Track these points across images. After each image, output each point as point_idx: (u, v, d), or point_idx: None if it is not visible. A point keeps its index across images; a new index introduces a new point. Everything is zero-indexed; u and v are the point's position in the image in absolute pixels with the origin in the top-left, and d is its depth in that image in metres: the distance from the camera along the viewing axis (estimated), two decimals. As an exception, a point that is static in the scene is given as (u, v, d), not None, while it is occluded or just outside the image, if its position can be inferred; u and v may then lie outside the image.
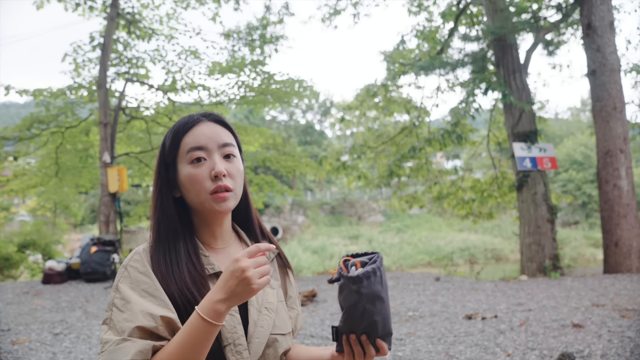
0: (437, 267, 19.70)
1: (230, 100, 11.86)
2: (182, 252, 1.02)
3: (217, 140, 1.04)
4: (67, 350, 4.03)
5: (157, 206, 1.06)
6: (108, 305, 0.96)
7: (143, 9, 11.64)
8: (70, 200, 16.42)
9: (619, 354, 3.41)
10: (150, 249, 1.04)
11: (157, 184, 1.07)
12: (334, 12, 12.41)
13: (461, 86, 10.64)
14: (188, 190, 1.04)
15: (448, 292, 6.57)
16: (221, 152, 1.05)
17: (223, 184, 1.02)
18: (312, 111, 43.14)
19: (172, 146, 1.05)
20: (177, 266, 1.00)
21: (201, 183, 1.02)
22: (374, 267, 0.90)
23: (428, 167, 11.62)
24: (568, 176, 26.87)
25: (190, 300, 0.97)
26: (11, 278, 10.77)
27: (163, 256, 1.01)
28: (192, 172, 1.02)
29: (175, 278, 0.98)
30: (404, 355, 3.64)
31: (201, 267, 1.03)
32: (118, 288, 0.96)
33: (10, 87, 11.04)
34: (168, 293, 0.97)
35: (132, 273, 0.98)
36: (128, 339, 0.89)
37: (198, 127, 1.05)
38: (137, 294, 0.95)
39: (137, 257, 1.01)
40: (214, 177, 1.02)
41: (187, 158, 1.03)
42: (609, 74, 8.06)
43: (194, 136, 1.04)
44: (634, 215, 7.94)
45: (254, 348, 1.01)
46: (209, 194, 1.02)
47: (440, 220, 27.84)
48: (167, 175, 1.06)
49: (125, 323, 0.91)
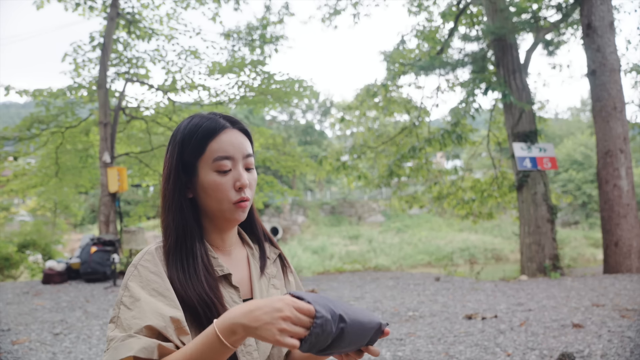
0: (437, 267, 19.69)
1: (230, 100, 11.86)
2: (199, 256, 1.02)
3: (242, 151, 1.05)
4: (67, 350, 4.03)
5: (173, 207, 1.04)
6: (116, 303, 0.96)
7: (143, 9, 11.64)
8: (70, 200, 16.42)
9: (619, 354, 3.41)
10: (164, 250, 1.03)
11: (174, 183, 1.04)
12: (334, 12, 12.41)
13: (461, 86, 10.64)
14: (209, 196, 1.03)
15: (448, 292, 6.57)
16: (244, 163, 1.05)
17: (246, 195, 1.03)
18: (312, 111, 43.16)
19: (197, 149, 1.03)
20: (195, 270, 1.00)
21: (225, 192, 1.02)
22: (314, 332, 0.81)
23: (428, 167, 11.63)
24: (568, 176, 26.87)
25: (209, 305, 0.97)
26: (11, 278, 10.77)
27: (180, 260, 1.01)
28: (218, 181, 1.02)
29: (193, 283, 0.98)
30: (404, 355, 3.64)
31: (212, 269, 1.03)
32: (127, 286, 0.96)
33: (10, 88, 11.04)
34: (186, 298, 0.96)
35: (143, 272, 0.97)
36: (134, 336, 0.88)
37: (225, 134, 1.04)
38: (147, 293, 0.94)
39: (149, 257, 1.00)
40: (238, 189, 1.03)
41: (214, 166, 1.02)
42: (609, 74, 8.07)
43: (221, 144, 1.03)
44: (634, 215, 7.94)
45: (262, 348, 1.02)
46: (232, 204, 1.03)
47: (440, 220, 27.84)
48: (184, 175, 1.04)
49: (134, 320, 0.90)
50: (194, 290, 0.97)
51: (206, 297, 0.97)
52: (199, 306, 0.96)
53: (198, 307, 0.96)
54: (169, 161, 1.06)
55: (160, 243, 1.04)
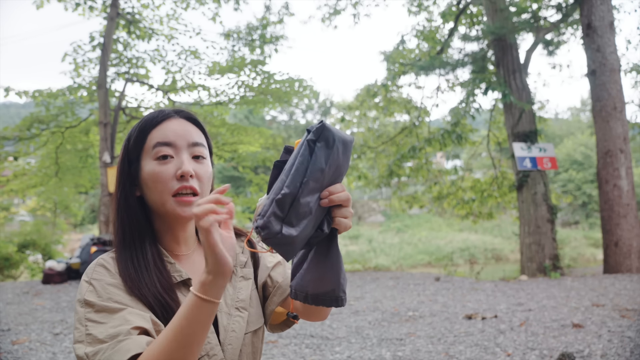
0: (437, 267, 19.69)
1: (230, 100, 11.86)
2: (149, 257, 0.95)
3: (187, 139, 0.97)
4: (67, 350, 4.03)
5: (121, 205, 0.98)
6: (78, 322, 0.86)
7: (143, 9, 11.65)
8: (70, 200, 16.41)
9: (619, 354, 3.41)
10: (115, 250, 0.96)
11: (120, 180, 0.99)
12: (334, 12, 12.41)
13: (461, 86, 10.64)
14: (150, 189, 0.96)
15: (448, 292, 6.57)
16: (190, 151, 0.97)
17: (189, 184, 0.94)
18: (312, 111, 43.16)
19: (138, 140, 0.97)
20: (147, 271, 0.93)
21: (165, 182, 0.94)
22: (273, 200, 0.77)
23: (428, 167, 11.62)
24: (568, 176, 26.86)
25: (165, 306, 0.90)
26: (11, 278, 10.77)
27: (130, 260, 0.94)
28: (157, 170, 0.95)
29: (146, 282, 0.91)
30: (404, 355, 3.64)
31: (168, 274, 0.95)
32: (87, 302, 0.87)
33: (10, 89, 11.04)
34: (142, 297, 0.90)
35: (98, 286, 0.89)
36: (124, 339, 0.81)
37: (168, 122, 0.98)
38: (112, 304, 0.87)
39: (100, 269, 0.93)
40: (179, 177, 0.94)
41: (153, 154, 0.96)
42: (609, 74, 8.07)
43: (162, 131, 0.97)
44: (634, 215, 7.94)
45: (228, 356, 0.96)
46: (171, 196, 0.94)
47: (440, 220, 27.83)
48: (130, 171, 0.98)
49: (116, 329, 0.82)
50: (148, 289, 0.91)
51: (161, 297, 0.91)
52: (156, 306, 0.90)
53: (155, 307, 0.90)
54: (119, 159, 1.01)
55: (114, 253, 0.98)
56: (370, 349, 3.85)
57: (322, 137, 0.80)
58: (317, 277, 0.88)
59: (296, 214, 0.79)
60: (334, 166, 0.83)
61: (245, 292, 1.04)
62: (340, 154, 0.83)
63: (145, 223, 0.98)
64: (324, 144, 0.80)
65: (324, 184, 0.83)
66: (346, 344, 4.01)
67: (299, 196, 0.78)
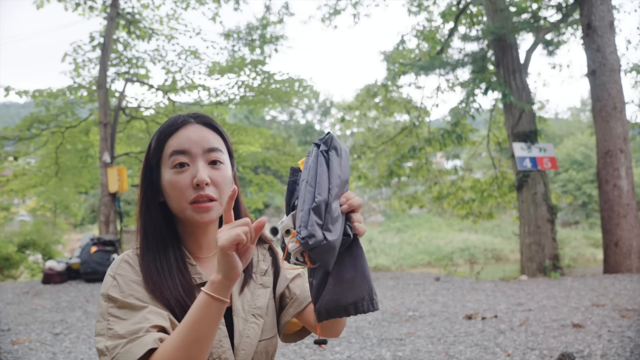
0: (437, 267, 19.70)
1: (230, 100, 11.86)
2: (172, 260, 0.98)
3: (203, 145, 0.99)
4: (67, 350, 4.03)
5: (143, 210, 1.01)
6: (101, 315, 0.90)
7: (143, 9, 11.65)
8: (70, 200, 16.40)
9: (619, 354, 3.41)
10: (139, 253, 0.99)
11: (143, 187, 1.03)
12: (334, 12, 12.40)
13: (461, 86, 10.64)
14: (169, 196, 0.99)
15: (448, 292, 6.57)
16: (206, 157, 0.99)
17: (205, 193, 0.96)
18: (312, 111, 43.17)
19: (157, 148, 1.00)
20: (169, 273, 0.96)
21: (182, 191, 0.96)
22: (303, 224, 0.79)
23: (428, 167, 11.63)
24: (568, 176, 26.86)
25: (185, 308, 0.93)
26: (11, 278, 10.76)
27: (153, 263, 0.97)
28: (174, 179, 0.97)
29: (169, 285, 0.94)
30: (404, 355, 3.64)
31: (189, 276, 0.98)
32: (110, 297, 0.91)
33: (10, 88, 11.04)
34: (163, 299, 0.93)
35: (122, 281, 0.93)
36: (142, 335, 0.85)
37: (184, 129, 1.00)
38: (133, 301, 0.91)
39: (125, 265, 0.97)
40: (195, 186, 0.96)
41: (170, 162, 0.98)
42: (609, 74, 8.07)
43: (178, 139, 0.99)
44: (634, 215, 7.94)
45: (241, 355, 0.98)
46: (189, 203, 0.96)
47: (440, 220, 27.83)
48: (152, 178, 1.01)
49: (136, 326, 0.86)
50: (170, 292, 0.94)
51: (182, 299, 0.94)
52: (176, 308, 0.93)
53: (175, 309, 0.93)
54: (142, 165, 1.05)
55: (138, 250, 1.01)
56: (370, 349, 3.86)
57: (332, 147, 0.86)
58: (350, 286, 0.89)
59: (331, 220, 0.82)
60: (344, 173, 0.88)
61: (263, 300, 1.06)
62: (347, 161, 0.89)
63: (168, 228, 1.02)
64: (335, 152, 0.86)
65: (342, 190, 0.87)
66: (346, 344, 4.00)
67: (330, 202, 0.82)
